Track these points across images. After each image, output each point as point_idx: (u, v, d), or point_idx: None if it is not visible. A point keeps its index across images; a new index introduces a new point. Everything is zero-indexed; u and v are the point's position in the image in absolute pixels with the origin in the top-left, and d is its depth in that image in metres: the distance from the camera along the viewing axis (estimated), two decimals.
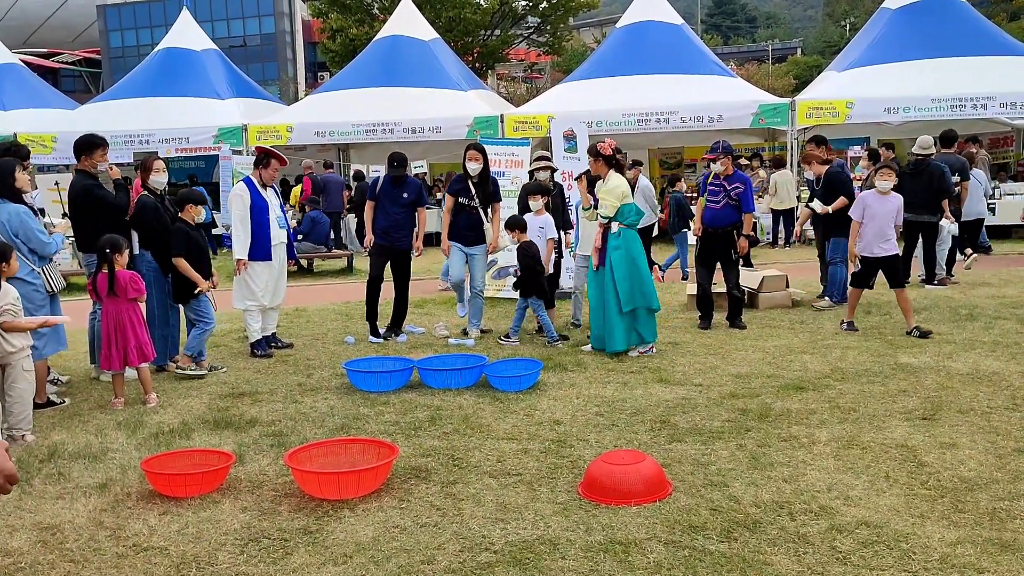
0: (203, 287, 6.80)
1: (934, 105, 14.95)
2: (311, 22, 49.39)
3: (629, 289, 6.98)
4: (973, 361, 6.42)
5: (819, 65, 39.81)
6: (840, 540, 3.45)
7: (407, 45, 18.66)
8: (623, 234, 7.08)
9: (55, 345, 6.09)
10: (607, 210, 7.10)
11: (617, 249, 7.04)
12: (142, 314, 6.12)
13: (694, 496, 3.96)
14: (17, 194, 5.96)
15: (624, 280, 6.98)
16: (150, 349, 6.04)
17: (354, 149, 20.92)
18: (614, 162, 7.28)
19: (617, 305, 6.96)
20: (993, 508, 3.72)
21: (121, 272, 5.93)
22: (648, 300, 7.04)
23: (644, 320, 7.08)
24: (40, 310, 5.84)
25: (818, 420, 5.09)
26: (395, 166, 7.88)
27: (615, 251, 7.04)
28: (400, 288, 8.11)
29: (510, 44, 35.00)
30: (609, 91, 16.64)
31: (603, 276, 7.12)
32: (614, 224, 7.10)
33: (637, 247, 7.13)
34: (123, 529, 3.82)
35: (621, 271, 6.99)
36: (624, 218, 7.09)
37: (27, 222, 5.85)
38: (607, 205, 7.09)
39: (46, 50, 53.46)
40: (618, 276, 6.99)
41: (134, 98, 18.97)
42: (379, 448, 4.46)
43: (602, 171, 7.27)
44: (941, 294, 9.56)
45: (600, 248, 7.12)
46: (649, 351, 7.08)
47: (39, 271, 5.90)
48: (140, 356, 5.95)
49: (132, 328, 5.92)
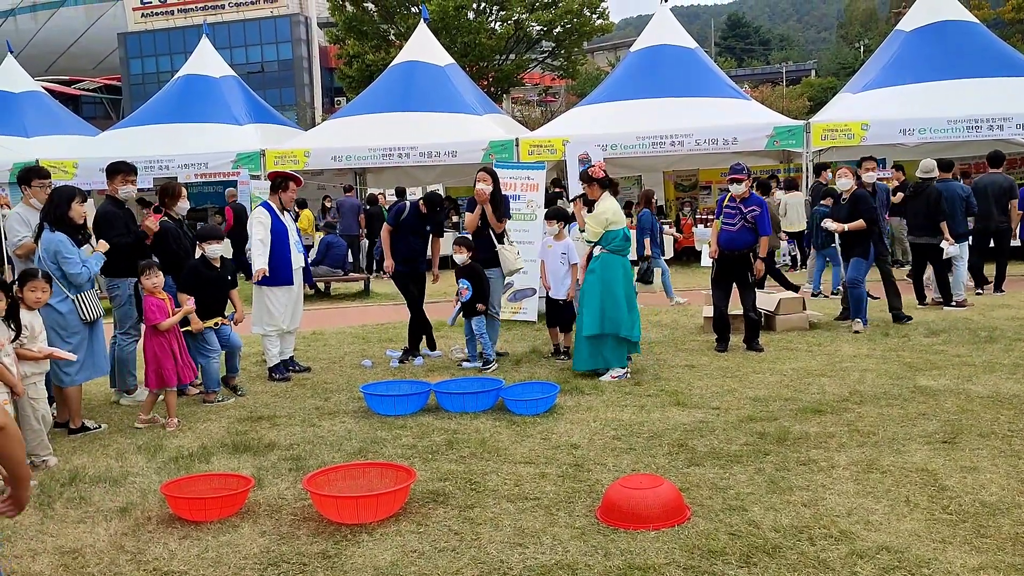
0: (197, 328, 6.64)
1: (950, 127, 14.90)
2: (328, 48, 49.96)
3: (595, 314, 7.05)
4: (993, 384, 6.37)
5: (833, 87, 39.85)
6: (861, 565, 3.42)
7: (423, 70, 18.81)
8: (602, 259, 7.19)
9: (90, 371, 6.11)
10: (589, 235, 7.27)
11: (591, 273, 7.20)
12: (173, 341, 6.16)
13: (713, 521, 3.95)
14: (69, 224, 6.00)
15: (592, 304, 7.09)
16: (170, 375, 6.06)
17: (371, 173, 21.05)
18: (607, 183, 7.44)
19: (580, 327, 7.14)
20: (1016, 533, 3.68)
21: (145, 299, 6.04)
22: (616, 327, 7.03)
23: (611, 346, 7.11)
24: (75, 337, 5.90)
25: (837, 444, 5.06)
26: (437, 208, 8.14)
27: (589, 275, 7.23)
28: (416, 311, 8.24)
29: (525, 68, 35.29)
30: (624, 114, 16.70)
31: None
32: (596, 248, 7.23)
33: (613, 274, 7.13)
34: (144, 553, 3.85)
35: (590, 295, 7.13)
36: (608, 244, 7.20)
37: (61, 250, 5.90)
38: (590, 231, 7.26)
39: (68, 77, 54.32)
40: (586, 300, 7.14)
41: (154, 124, 19.18)
42: (397, 472, 4.48)
43: (596, 194, 7.37)
44: (960, 315, 9.50)
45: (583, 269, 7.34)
46: (623, 375, 7.09)
47: (73, 299, 5.94)
48: (159, 381, 6.02)
49: (154, 352, 6.01)
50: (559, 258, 8.01)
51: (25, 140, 19.87)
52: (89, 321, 6.03)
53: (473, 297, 7.63)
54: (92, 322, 6.07)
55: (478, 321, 7.64)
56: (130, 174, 6.89)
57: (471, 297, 7.61)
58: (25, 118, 20.52)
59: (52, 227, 5.94)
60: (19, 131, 20.02)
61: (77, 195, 6.11)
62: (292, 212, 7.91)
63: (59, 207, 5.98)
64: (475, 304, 7.64)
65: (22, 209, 6.49)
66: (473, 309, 7.65)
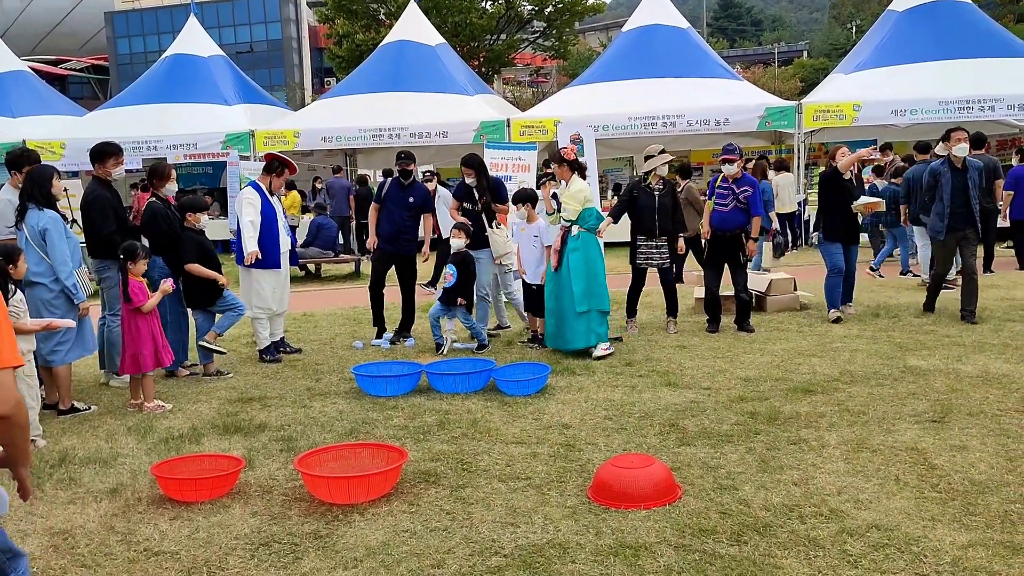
0: (222, 280, 6.96)
1: (941, 107, 14.92)
2: (318, 28, 49.56)
3: (584, 290, 7.13)
4: (983, 363, 6.40)
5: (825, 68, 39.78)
6: (851, 543, 3.44)
7: (413, 50, 18.69)
8: (582, 237, 7.25)
9: (79, 350, 6.06)
10: (570, 214, 7.26)
11: (575, 251, 7.22)
12: (153, 324, 6.13)
13: (704, 500, 3.96)
14: (52, 201, 6.00)
15: (580, 281, 7.15)
16: (148, 360, 6.02)
17: (361, 154, 20.97)
18: (577, 166, 7.47)
19: (572, 305, 7.14)
20: (1004, 511, 3.70)
21: (131, 281, 5.99)
22: (600, 302, 7.20)
23: (598, 320, 7.23)
24: (64, 317, 5.82)
25: (827, 423, 5.08)
26: (402, 158, 7.94)
27: (573, 252, 7.22)
28: (407, 293, 8.15)
29: (516, 48, 35.10)
30: (615, 95, 16.65)
31: (559, 278, 7.28)
32: (574, 227, 7.24)
33: (595, 251, 7.32)
34: (134, 534, 3.84)
35: (578, 273, 7.16)
36: (585, 222, 7.25)
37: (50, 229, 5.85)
38: (570, 209, 7.25)
39: (54, 57, 53.73)
40: (574, 277, 7.16)
41: (142, 104, 19.04)
42: (388, 452, 4.47)
43: (566, 176, 7.40)
44: (950, 296, 9.52)
45: (559, 250, 7.27)
46: (608, 350, 7.15)
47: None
48: (135, 366, 5.99)
49: (132, 336, 5.98)
50: (531, 241, 7.75)
51: (11, 120, 19.68)
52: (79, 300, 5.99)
53: (456, 286, 7.47)
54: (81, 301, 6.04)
55: (462, 313, 7.60)
56: (120, 155, 6.85)
57: (453, 285, 7.48)
58: (11, 98, 20.31)
59: (40, 206, 5.89)
60: (5, 111, 19.85)
61: (55, 174, 6.09)
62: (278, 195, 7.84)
63: (43, 186, 5.94)
64: (456, 295, 7.48)
65: (11, 194, 6.41)
66: (453, 299, 7.50)
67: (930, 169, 8.45)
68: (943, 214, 8.17)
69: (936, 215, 8.26)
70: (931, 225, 8.37)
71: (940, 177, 8.23)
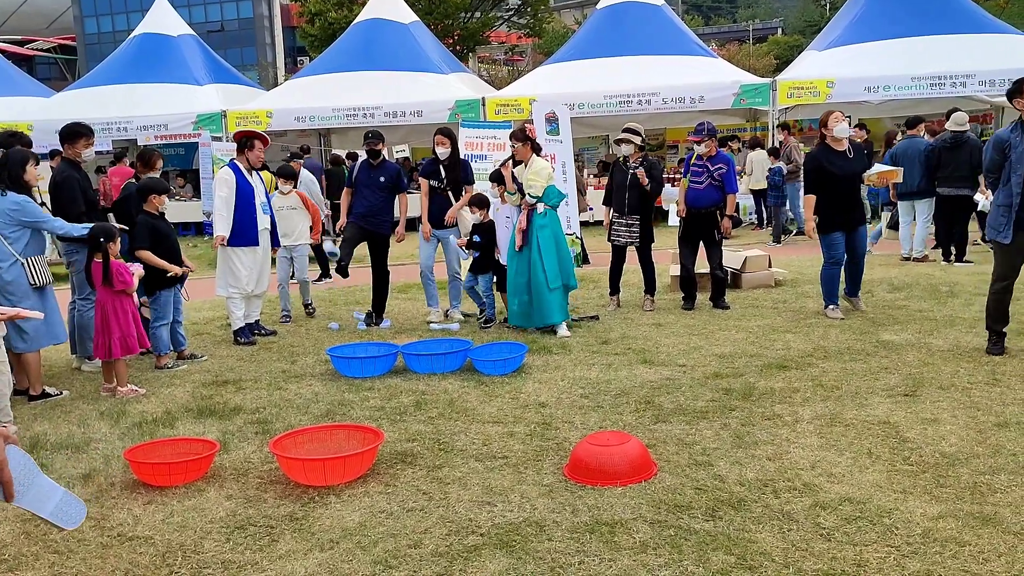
0: (174, 271, 6.60)
1: (914, 84, 15.01)
2: (290, 6, 48.78)
3: (554, 266, 7.22)
4: (954, 338, 6.48)
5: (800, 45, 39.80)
6: (824, 516, 3.48)
7: (387, 28, 18.48)
8: (549, 214, 7.33)
9: (49, 338, 5.97)
10: (535, 191, 7.27)
11: (543, 228, 7.27)
12: (133, 306, 6.05)
13: (679, 476, 3.98)
14: (24, 187, 5.87)
15: (551, 258, 7.21)
16: (135, 342, 5.96)
17: (335, 134, 20.75)
18: (538, 147, 7.57)
19: (546, 282, 7.18)
20: (974, 482, 3.76)
21: (114, 263, 5.88)
22: (567, 278, 7.36)
23: (565, 296, 7.37)
24: (25, 302, 5.65)
25: (801, 398, 5.12)
26: (370, 138, 7.85)
27: (542, 230, 7.27)
28: (379, 274, 8.06)
29: (490, 26, 34.79)
30: (590, 73, 16.57)
31: (527, 256, 7.28)
32: (540, 205, 7.27)
33: (559, 227, 7.44)
34: (107, 519, 3.80)
35: (548, 249, 7.22)
36: (548, 199, 7.32)
37: (30, 210, 5.77)
38: (535, 186, 7.27)
39: (20, 37, 52.55)
40: (545, 254, 7.20)
41: (111, 85, 18.70)
42: (364, 434, 4.46)
43: (526, 155, 7.45)
44: (921, 271, 9.63)
45: (524, 229, 7.28)
46: (567, 334, 7.21)
47: (23, 262, 5.78)
48: (124, 348, 5.89)
49: (118, 319, 5.87)
50: (504, 222, 7.75)
51: None
52: (39, 286, 5.87)
53: (481, 256, 7.70)
54: (41, 288, 5.91)
55: (485, 280, 7.76)
56: (92, 136, 6.78)
57: (479, 255, 7.70)
58: None
59: (4, 190, 5.77)
60: None
61: (31, 158, 5.95)
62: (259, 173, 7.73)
63: (13, 169, 5.82)
64: (484, 263, 7.71)
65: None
66: (483, 267, 7.72)
67: (996, 139, 5.87)
68: (1011, 205, 5.70)
69: (1001, 207, 5.79)
70: (991, 222, 5.92)
71: (1010, 150, 5.72)
